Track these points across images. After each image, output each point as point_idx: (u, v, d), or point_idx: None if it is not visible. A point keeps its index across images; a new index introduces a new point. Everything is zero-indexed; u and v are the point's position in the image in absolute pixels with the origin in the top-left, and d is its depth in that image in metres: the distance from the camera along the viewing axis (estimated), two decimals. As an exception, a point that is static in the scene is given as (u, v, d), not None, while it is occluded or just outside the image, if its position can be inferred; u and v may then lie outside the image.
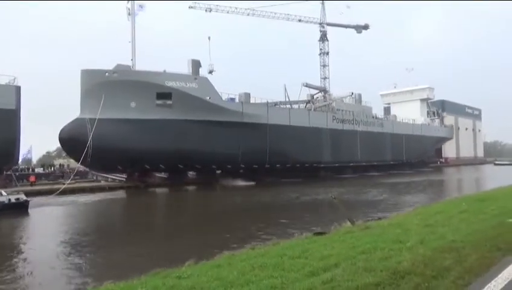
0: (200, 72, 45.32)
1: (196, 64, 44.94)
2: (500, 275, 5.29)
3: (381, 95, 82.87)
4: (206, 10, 60.43)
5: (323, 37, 65.44)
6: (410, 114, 73.89)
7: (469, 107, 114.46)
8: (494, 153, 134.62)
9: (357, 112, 62.13)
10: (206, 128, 42.42)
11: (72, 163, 52.24)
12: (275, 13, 61.99)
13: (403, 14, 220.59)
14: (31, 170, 48.09)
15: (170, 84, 42.18)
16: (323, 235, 8.33)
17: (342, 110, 59.74)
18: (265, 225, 17.97)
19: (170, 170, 43.15)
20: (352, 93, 65.15)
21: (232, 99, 47.84)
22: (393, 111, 78.68)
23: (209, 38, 47.77)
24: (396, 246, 6.77)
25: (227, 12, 61.29)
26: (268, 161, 47.11)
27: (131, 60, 43.82)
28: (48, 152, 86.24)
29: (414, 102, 80.00)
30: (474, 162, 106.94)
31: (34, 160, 62.27)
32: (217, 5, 61.08)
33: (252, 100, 49.73)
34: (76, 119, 40.78)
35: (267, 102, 51.00)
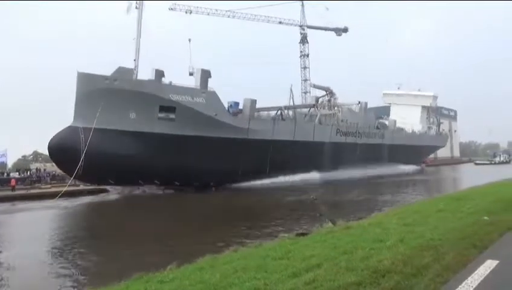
0: (208, 83, 42.19)
1: (205, 75, 41.92)
2: (476, 272, 5.47)
3: (383, 93, 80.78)
4: (186, 12, 60.08)
5: (304, 40, 65.94)
6: (410, 119, 72.57)
7: (445, 109, 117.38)
8: (469, 153, 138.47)
9: (361, 124, 60.74)
10: (208, 145, 39.74)
11: (49, 167, 50.59)
12: (255, 15, 62.18)
13: (387, 18, 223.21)
14: (5, 174, 46.66)
15: (176, 98, 39.19)
16: (305, 236, 8.39)
17: (347, 121, 58.31)
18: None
19: (164, 185, 39.90)
20: (359, 102, 63.99)
21: (236, 104, 45.26)
22: (392, 112, 77.06)
23: (189, 40, 46.37)
24: (376, 245, 6.88)
25: (208, 14, 61.14)
26: (268, 175, 44.64)
27: (134, 60, 39.67)
28: (23, 156, 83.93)
29: (416, 108, 77.63)
30: (451, 162, 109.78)
31: (10, 164, 60.40)
32: (197, 7, 60.86)
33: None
34: (69, 128, 37.00)
35: (275, 115, 49.33)
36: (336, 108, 58.13)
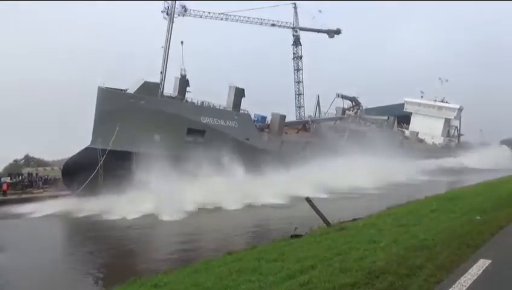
0: (241, 103, 39.20)
1: (239, 94, 38.67)
2: (469, 271, 5.50)
3: (405, 101, 73.87)
4: (178, 14, 59.86)
5: (297, 42, 66.00)
6: (431, 131, 68.69)
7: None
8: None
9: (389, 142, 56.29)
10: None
11: (41, 171, 49.99)
12: (248, 17, 62.06)
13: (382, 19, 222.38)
14: (-3, 179, 46.06)
15: (206, 120, 36.20)
16: (299, 238, 8.39)
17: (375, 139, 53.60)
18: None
19: None
20: (388, 118, 60.61)
21: (263, 118, 43.20)
22: (414, 121, 72.12)
23: (182, 42, 44.03)
24: (370, 246, 6.89)
25: (201, 16, 61.04)
26: None
27: (161, 72, 36.26)
28: (15, 160, 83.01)
29: (439, 120, 72.05)
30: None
31: (1, 169, 59.79)
32: (190, 10, 60.66)
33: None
34: (86, 149, 33.50)
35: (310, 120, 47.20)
36: (362, 121, 55.07)
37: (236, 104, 38.79)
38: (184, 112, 35.70)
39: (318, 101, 54.24)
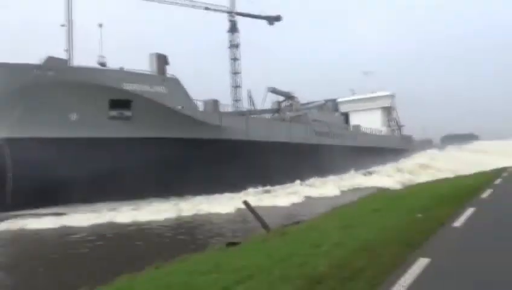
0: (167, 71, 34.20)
1: (162, 61, 33.32)
2: (409, 271, 5.44)
3: (338, 102, 72.91)
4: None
5: (233, 28, 59.24)
6: (371, 124, 67.67)
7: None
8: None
9: (333, 124, 55.77)
10: (176, 150, 31.15)
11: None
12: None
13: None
14: None
15: (130, 87, 30.26)
16: (237, 246, 7.92)
17: (319, 122, 52.72)
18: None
19: None
20: (326, 101, 60.16)
21: None
22: (352, 121, 70.90)
23: (100, 25, 34.99)
24: (312, 251, 6.65)
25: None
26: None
27: (66, 50, 31.51)
28: None
29: (375, 111, 72.09)
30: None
31: None
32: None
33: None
34: None
35: (247, 112, 44.12)
36: (302, 109, 53.84)
37: (161, 72, 33.60)
38: (102, 80, 29.65)
39: (250, 96, 52.18)
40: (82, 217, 21.57)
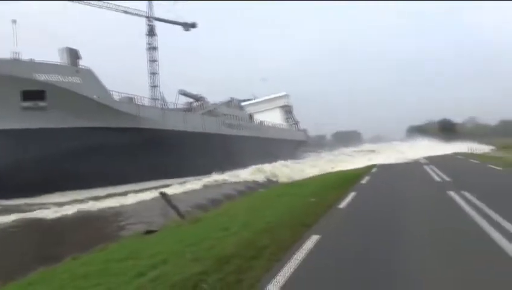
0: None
1: (73, 55, 33.83)
2: (303, 247, 6.32)
3: (243, 105, 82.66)
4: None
5: (151, 32, 63.77)
6: (273, 121, 77.01)
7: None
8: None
9: (240, 118, 61.35)
10: (94, 139, 31.34)
11: None
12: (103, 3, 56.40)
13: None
14: None
15: (43, 77, 30.24)
16: (153, 233, 8.29)
17: (229, 115, 57.50)
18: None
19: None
20: (232, 99, 64.79)
21: None
22: (256, 121, 78.24)
23: (14, 21, 34.50)
24: (222, 233, 7.27)
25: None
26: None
27: None
28: None
29: (274, 110, 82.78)
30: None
31: None
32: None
33: None
34: None
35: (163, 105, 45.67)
36: (212, 105, 58.07)
37: (74, 65, 33.93)
38: (12, 70, 29.06)
39: (163, 97, 54.21)
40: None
